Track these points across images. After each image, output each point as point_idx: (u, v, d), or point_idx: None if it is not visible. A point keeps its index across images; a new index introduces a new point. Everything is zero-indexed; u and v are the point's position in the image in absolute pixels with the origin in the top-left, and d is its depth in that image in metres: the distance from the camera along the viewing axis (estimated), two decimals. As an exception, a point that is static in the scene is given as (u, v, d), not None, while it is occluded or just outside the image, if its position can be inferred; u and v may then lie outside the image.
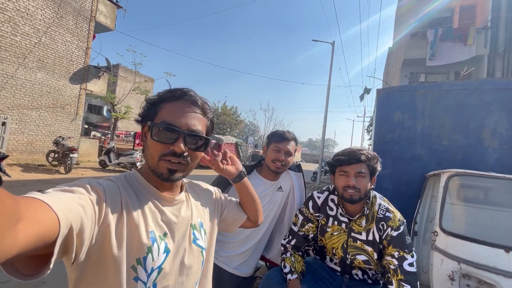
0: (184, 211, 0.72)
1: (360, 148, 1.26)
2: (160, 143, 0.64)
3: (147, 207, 0.64)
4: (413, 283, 1.10)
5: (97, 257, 0.55)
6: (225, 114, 27.51)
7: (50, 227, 0.41)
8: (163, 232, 0.65)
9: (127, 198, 0.62)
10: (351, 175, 1.20)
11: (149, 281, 0.61)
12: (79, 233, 0.48)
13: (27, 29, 8.58)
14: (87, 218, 0.50)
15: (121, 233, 0.57)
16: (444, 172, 2.34)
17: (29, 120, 8.90)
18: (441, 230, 2.13)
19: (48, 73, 9.30)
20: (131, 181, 0.67)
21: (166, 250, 0.64)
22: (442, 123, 2.83)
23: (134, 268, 0.59)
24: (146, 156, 0.67)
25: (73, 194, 0.51)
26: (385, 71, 17.88)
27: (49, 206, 0.42)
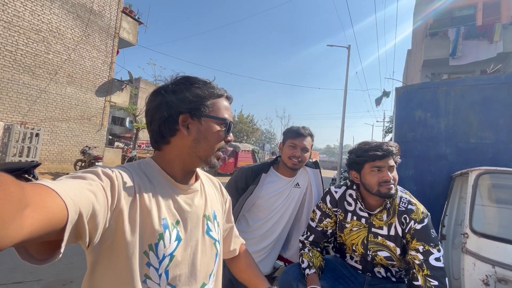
0: (197, 201, 0.72)
1: (383, 142, 1.23)
2: (220, 136, 0.71)
3: (160, 194, 0.64)
4: (440, 279, 1.03)
5: (111, 242, 0.56)
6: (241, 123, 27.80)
7: (58, 213, 0.41)
8: (176, 219, 0.65)
9: (140, 184, 0.62)
10: (386, 169, 1.16)
11: (161, 268, 0.61)
12: (91, 218, 0.49)
13: (58, 48, 9.28)
14: (99, 204, 0.50)
15: (134, 219, 0.58)
16: (473, 170, 2.20)
17: (59, 132, 9.51)
18: (471, 231, 1.99)
19: (76, 87, 9.94)
20: (145, 168, 0.67)
21: (177, 238, 0.64)
22: (468, 120, 2.69)
23: (146, 254, 0.59)
24: (201, 147, 0.68)
25: (85, 181, 0.51)
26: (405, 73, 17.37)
27: (57, 193, 0.42)
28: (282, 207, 1.51)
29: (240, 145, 16.56)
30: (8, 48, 8.00)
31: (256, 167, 1.53)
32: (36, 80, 8.74)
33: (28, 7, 8.40)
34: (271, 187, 1.50)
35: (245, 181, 1.49)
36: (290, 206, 1.53)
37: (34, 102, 8.74)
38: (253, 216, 1.50)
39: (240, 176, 1.50)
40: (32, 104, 8.67)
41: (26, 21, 8.39)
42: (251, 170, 1.50)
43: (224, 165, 14.88)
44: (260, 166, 1.53)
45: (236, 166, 15.63)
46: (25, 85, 8.46)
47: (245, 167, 1.55)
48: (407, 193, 1.26)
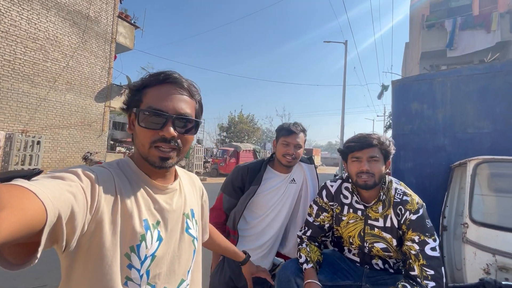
0: (176, 200, 0.71)
1: (371, 133, 1.23)
2: (149, 130, 0.62)
3: (140, 195, 0.63)
4: (436, 268, 1.03)
5: (89, 246, 0.54)
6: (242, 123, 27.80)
7: (36, 216, 0.39)
8: (156, 220, 0.64)
9: (120, 186, 0.60)
10: (364, 160, 1.17)
11: (142, 268, 0.60)
12: (69, 221, 0.47)
13: (56, 55, 9.34)
14: (78, 205, 0.48)
15: (115, 221, 0.56)
16: (471, 160, 2.20)
17: (60, 139, 9.57)
18: (471, 221, 1.99)
19: (75, 94, 10.00)
20: (123, 168, 0.65)
21: (159, 238, 0.64)
22: (465, 110, 2.68)
23: (128, 256, 0.58)
24: (136, 144, 0.66)
25: (63, 181, 0.49)
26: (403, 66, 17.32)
27: (35, 194, 0.40)
28: (279, 203, 1.52)
29: (241, 145, 16.59)
30: (6, 57, 8.06)
31: (252, 165, 1.53)
32: (35, 89, 8.80)
33: (25, 16, 8.46)
34: (267, 184, 1.51)
35: (241, 179, 1.50)
36: (287, 202, 1.53)
37: (35, 110, 8.80)
38: (250, 213, 1.50)
39: (236, 174, 1.51)
40: (33, 112, 8.73)
41: (23, 30, 8.45)
42: (247, 168, 1.51)
43: (226, 165, 14.92)
44: (255, 164, 1.54)
45: (238, 166, 15.67)
46: (24, 93, 8.52)
47: (240, 166, 1.55)
48: (402, 185, 1.26)
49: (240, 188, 1.50)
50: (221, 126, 29.00)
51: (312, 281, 1.11)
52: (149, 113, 0.62)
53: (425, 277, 1.03)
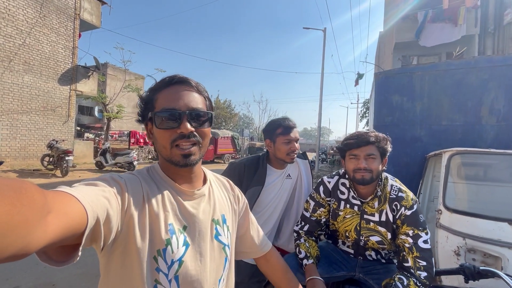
0: (204, 205, 0.71)
1: (368, 131, 1.26)
2: (167, 130, 0.64)
3: (167, 199, 0.65)
4: (428, 259, 1.12)
5: (124, 247, 0.57)
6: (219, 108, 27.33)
7: (78, 219, 0.43)
8: (183, 225, 0.65)
9: (148, 190, 0.63)
10: (361, 158, 1.21)
11: (170, 273, 0.61)
12: (106, 223, 0.51)
13: (9, 31, 8.30)
14: (113, 209, 0.53)
15: (144, 224, 0.59)
16: (446, 151, 2.37)
17: (20, 125, 8.72)
18: (445, 208, 2.17)
19: (35, 76, 9.06)
20: (152, 174, 0.69)
21: (185, 243, 0.64)
22: (441, 103, 2.85)
23: (156, 259, 0.60)
24: (159, 149, 0.68)
25: (98, 187, 0.53)
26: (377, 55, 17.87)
27: (77, 199, 0.44)
28: (276, 199, 1.52)
29: (219, 132, 16.36)
30: None
31: (248, 162, 1.50)
32: (-14, 69, 7.82)
33: (-33, -17, 7.33)
34: (266, 181, 1.50)
35: (238, 177, 1.47)
36: (282, 198, 1.55)
37: (-13, 93, 7.86)
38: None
39: (233, 172, 1.48)
40: (-16, 95, 7.80)
41: (-33, 0, 7.34)
42: (243, 165, 1.48)
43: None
44: (251, 161, 1.51)
45: (216, 153, 15.51)
46: (-27, 74, 7.54)
47: (236, 163, 1.52)
48: (397, 181, 1.32)
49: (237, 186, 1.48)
50: (197, 111, 28.23)
51: (315, 278, 1.15)
52: (164, 115, 0.64)
53: (418, 268, 1.11)
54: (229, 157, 16.20)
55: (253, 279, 1.53)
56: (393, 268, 1.29)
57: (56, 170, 8.14)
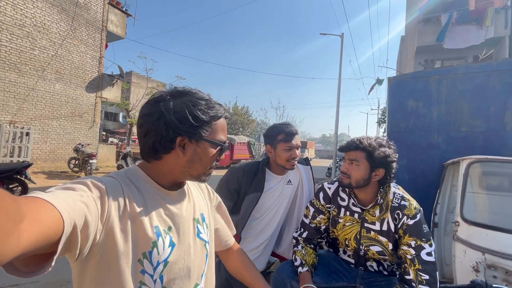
0: (186, 205, 0.73)
1: (367, 137, 1.22)
2: (215, 156, 0.73)
3: (150, 202, 0.65)
4: (431, 273, 1.05)
5: (101, 255, 0.55)
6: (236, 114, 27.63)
7: (54, 226, 0.41)
8: (168, 226, 0.66)
9: (129, 194, 0.62)
10: (346, 161, 1.23)
11: (155, 274, 0.62)
12: (83, 230, 0.49)
13: (44, 43, 9.00)
14: (91, 215, 0.50)
15: (125, 228, 0.58)
16: (464, 159, 2.23)
17: (50, 130, 9.34)
18: (462, 219, 2.03)
19: (65, 84, 9.71)
20: (132, 177, 0.67)
21: (171, 244, 0.65)
22: (460, 108, 2.70)
23: (141, 262, 0.60)
24: (196, 165, 0.69)
25: (76, 192, 0.51)
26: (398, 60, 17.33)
27: (52, 205, 0.42)
28: (276, 205, 1.51)
29: (236, 137, 16.51)
30: (-9, 45, 7.73)
31: (247, 167, 1.50)
32: (23, 78, 8.50)
33: (9, 1, 8.08)
34: (265, 187, 1.49)
35: (237, 182, 1.47)
36: (283, 204, 1.53)
37: (23, 100, 8.52)
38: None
39: (232, 176, 1.49)
40: (21, 102, 8.46)
41: (8, 16, 8.08)
42: (242, 170, 1.48)
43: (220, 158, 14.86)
44: (251, 166, 1.51)
45: (232, 159, 15.63)
46: (12, 83, 8.23)
47: (236, 167, 1.53)
48: (400, 189, 1.26)
49: (235, 190, 1.48)
50: (215, 117, 28.70)
51: (308, 286, 1.11)
52: (218, 145, 0.72)
53: (420, 282, 1.04)
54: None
55: None
56: (396, 281, 1.22)
57: (81, 172, 8.61)
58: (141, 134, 0.67)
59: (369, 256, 1.25)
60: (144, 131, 0.66)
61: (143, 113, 0.67)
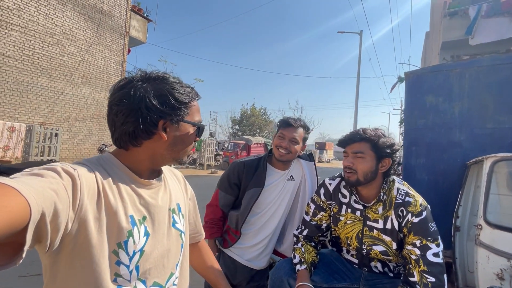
0: (161, 195, 0.72)
1: (367, 128, 1.16)
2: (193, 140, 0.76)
3: (125, 191, 0.63)
4: (438, 275, 0.96)
5: (74, 244, 0.53)
6: (254, 116, 27.71)
7: (20, 213, 0.39)
8: (142, 215, 0.65)
9: (103, 182, 0.60)
10: (349, 156, 1.14)
11: (131, 264, 0.61)
12: (53, 219, 0.46)
13: (72, 49, 9.58)
14: (61, 203, 0.48)
15: (99, 218, 0.56)
16: (488, 157, 2.05)
17: (77, 131, 9.90)
18: (485, 223, 1.87)
19: (91, 87, 10.27)
20: (105, 164, 0.65)
21: (146, 233, 0.64)
22: (485, 103, 2.49)
23: (116, 253, 0.59)
24: (180, 149, 0.71)
25: (44, 179, 0.48)
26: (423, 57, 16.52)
27: (18, 191, 0.40)
28: (277, 200, 1.47)
29: (252, 139, 16.57)
30: (26, 52, 8.35)
31: (248, 161, 1.49)
32: (53, 82, 9.10)
33: (42, 11, 8.69)
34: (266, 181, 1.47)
35: (238, 176, 1.46)
36: (284, 199, 1.49)
37: (54, 103, 9.12)
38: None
39: (233, 170, 1.48)
40: (51, 105, 9.06)
41: (41, 25, 8.69)
42: (243, 164, 1.47)
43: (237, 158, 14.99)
44: (252, 160, 1.49)
45: (249, 160, 15.69)
46: (43, 87, 8.83)
47: (237, 162, 1.52)
48: (405, 184, 1.18)
49: (236, 185, 1.47)
50: (233, 119, 29.05)
51: (304, 284, 1.07)
52: (197, 125, 0.74)
53: (425, 285, 0.96)
54: (262, 163, 16.26)
55: (252, 283, 1.49)
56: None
57: (104, 171, 9.03)
58: (117, 122, 0.65)
59: (372, 256, 1.18)
60: (122, 119, 0.64)
61: (118, 100, 0.64)
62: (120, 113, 0.64)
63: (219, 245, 1.51)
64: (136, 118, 0.63)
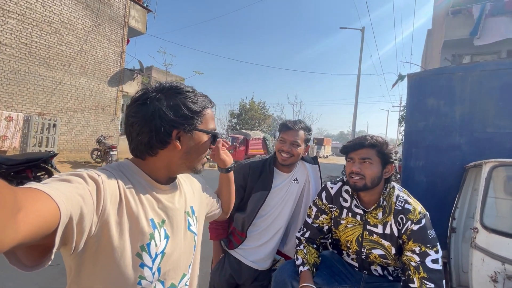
0: (178, 198, 0.75)
1: (370, 135, 1.17)
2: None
3: (144, 195, 0.66)
4: (437, 282, 1.00)
5: (97, 248, 0.56)
6: (253, 110, 27.62)
7: (51, 216, 0.42)
8: (161, 219, 0.68)
9: (124, 187, 0.62)
10: (356, 161, 1.16)
11: (154, 266, 0.64)
12: (79, 222, 0.49)
13: (70, 39, 9.42)
14: (87, 207, 0.51)
15: (121, 222, 0.59)
16: (487, 162, 2.08)
17: (75, 122, 9.83)
18: (482, 226, 1.91)
19: (89, 78, 10.15)
20: (125, 170, 0.67)
21: (166, 236, 0.67)
22: (486, 108, 2.52)
23: (139, 255, 0.61)
24: (193, 157, 0.72)
25: (72, 184, 0.51)
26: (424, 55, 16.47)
27: (49, 196, 0.43)
28: (281, 203, 1.49)
29: (251, 133, 16.54)
30: (23, 40, 8.21)
31: (254, 163, 1.50)
32: (51, 72, 8.98)
33: (40, -2, 8.51)
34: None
35: (243, 178, 1.48)
36: (289, 202, 1.51)
37: (51, 93, 9.02)
38: None
39: (238, 173, 1.49)
40: (49, 95, 8.96)
41: (38, 13, 8.52)
42: (248, 166, 1.48)
43: (235, 152, 14.99)
44: (257, 163, 1.51)
45: (247, 154, 15.70)
46: (41, 77, 8.72)
47: (242, 163, 1.53)
48: (405, 192, 1.21)
49: (242, 187, 1.48)
50: (232, 112, 28.94)
51: (307, 285, 1.10)
52: (211, 133, 0.75)
53: (425, 290, 0.99)
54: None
55: (256, 283, 1.52)
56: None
57: (103, 163, 9.00)
58: (134, 133, 0.67)
59: (371, 259, 1.21)
60: (138, 130, 0.66)
61: (133, 111, 0.67)
62: (136, 124, 0.66)
63: (224, 246, 1.53)
64: (150, 128, 0.65)
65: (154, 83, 0.73)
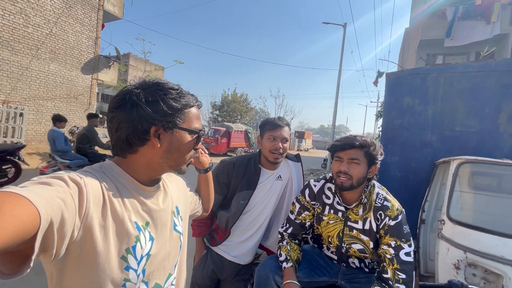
0: (163, 199, 0.74)
1: (359, 135, 1.22)
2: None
3: (127, 198, 0.65)
4: (408, 272, 1.08)
5: (80, 252, 0.54)
6: (235, 102, 27.39)
7: (30, 221, 0.40)
8: (145, 221, 0.67)
9: (108, 189, 0.61)
10: (344, 161, 1.18)
11: (139, 268, 0.63)
12: (60, 227, 0.47)
13: (38, 20, 8.71)
14: (68, 211, 0.48)
15: (106, 225, 0.57)
16: (455, 159, 2.24)
17: (45, 111, 9.20)
18: (448, 219, 2.07)
19: (60, 64, 9.49)
20: (108, 172, 0.65)
21: (151, 238, 0.67)
22: (455, 107, 2.69)
23: (124, 258, 0.60)
24: (180, 156, 0.70)
25: (52, 187, 0.49)
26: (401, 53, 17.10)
27: (28, 200, 0.41)
28: (265, 199, 1.52)
29: (233, 126, 16.44)
30: (-17, 20, 7.48)
31: (238, 161, 1.50)
32: (16, 56, 8.29)
33: (1, -26, 7.74)
34: None
35: (227, 175, 1.47)
36: (272, 199, 1.53)
37: (17, 80, 8.35)
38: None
39: (222, 170, 1.48)
40: (14, 82, 8.29)
41: (0, -9, 7.77)
42: (232, 164, 1.48)
43: (217, 145, 14.86)
44: (241, 160, 1.51)
45: (229, 147, 15.64)
46: (4, 61, 8.02)
47: (226, 161, 1.52)
48: (384, 190, 1.27)
49: (225, 184, 1.48)
50: (214, 104, 28.53)
51: (291, 282, 1.14)
52: (194, 133, 0.72)
53: (397, 281, 1.07)
54: (242, 151, 16.29)
55: (238, 277, 1.55)
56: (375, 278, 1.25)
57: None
58: (113, 129, 0.65)
59: (351, 253, 1.27)
60: (116, 125, 0.64)
61: (113, 106, 0.65)
62: (114, 119, 0.65)
63: (207, 243, 1.53)
64: (128, 124, 0.64)
65: (135, 76, 0.70)
